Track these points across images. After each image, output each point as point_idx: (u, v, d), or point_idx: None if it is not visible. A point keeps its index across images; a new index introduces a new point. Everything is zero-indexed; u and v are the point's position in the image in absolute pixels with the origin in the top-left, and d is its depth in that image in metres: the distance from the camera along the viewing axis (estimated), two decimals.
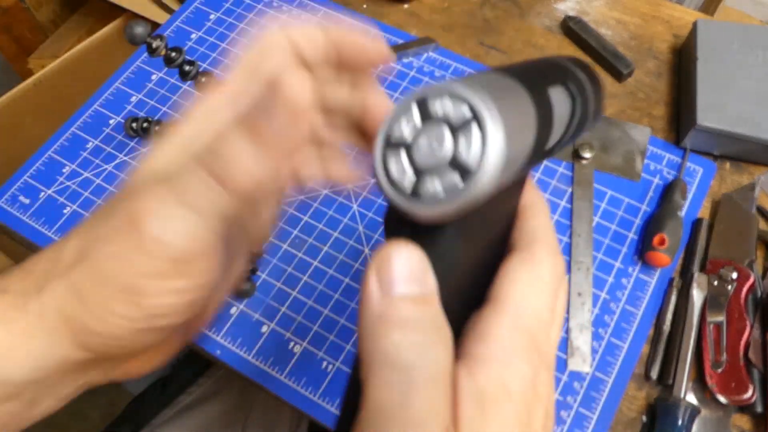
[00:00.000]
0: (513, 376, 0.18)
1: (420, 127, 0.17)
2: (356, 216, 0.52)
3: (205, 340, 0.47)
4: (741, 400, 0.42)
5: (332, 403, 0.44)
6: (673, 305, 0.46)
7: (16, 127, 0.95)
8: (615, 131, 0.54)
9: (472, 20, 0.63)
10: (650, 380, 0.45)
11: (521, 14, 0.64)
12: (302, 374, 0.45)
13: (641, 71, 0.59)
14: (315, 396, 0.45)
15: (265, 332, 0.47)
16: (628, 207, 0.51)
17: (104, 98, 0.59)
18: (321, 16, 0.63)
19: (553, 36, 0.62)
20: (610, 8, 0.63)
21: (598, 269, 0.48)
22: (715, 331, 0.44)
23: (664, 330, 0.46)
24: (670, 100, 0.57)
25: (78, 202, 0.54)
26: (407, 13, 0.64)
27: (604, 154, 0.53)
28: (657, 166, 0.53)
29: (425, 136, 0.17)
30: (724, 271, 0.46)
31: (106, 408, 1.11)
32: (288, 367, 0.46)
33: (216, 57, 0.61)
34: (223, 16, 0.64)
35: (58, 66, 0.98)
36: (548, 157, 0.22)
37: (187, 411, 0.71)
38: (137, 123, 0.55)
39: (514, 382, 0.18)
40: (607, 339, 0.46)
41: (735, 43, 0.54)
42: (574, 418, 0.43)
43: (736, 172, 0.53)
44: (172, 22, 0.64)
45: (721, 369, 0.43)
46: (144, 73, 0.61)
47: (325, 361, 0.46)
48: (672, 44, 0.61)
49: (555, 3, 0.64)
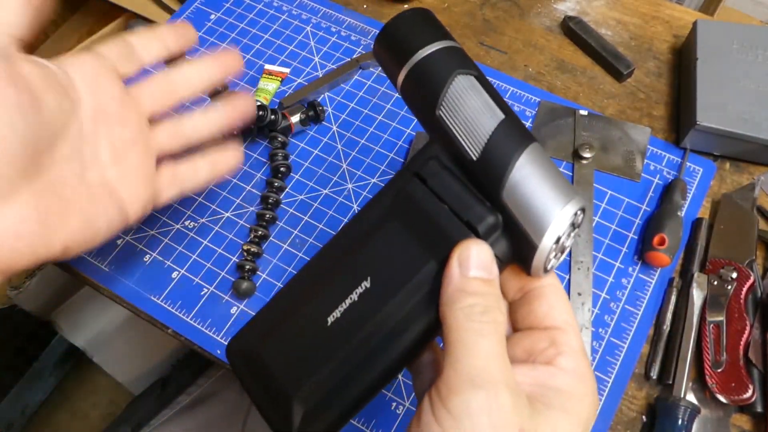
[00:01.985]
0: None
1: (568, 229, 0.25)
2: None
3: (206, 340, 0.47)
4: (741, 400, 0.42)
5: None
6: (673, 305, 0.46)
7: None
8: (615, 131, 0.55)
9: (472, 20, 0.63)
10: (650, 380, 0.45)
11: (521, 14, 0.64)
12: None
13: (641, 71, 0.59)
14: None
15: None
16: (628, 207, 0.51)
17: None
18: (320, 16, 0.64)
19: (553, 36, 0.62)
20: (610, 8, 0.64)
21: (598, 269, 0.49)
22: (715, 330, 0.45)
23: (664, 330, 0.46)
24: (670, 100, 0.57)
25: None
26: None
27: (604, 154, 0.53)
28: (657, 166, 0.53)
29: (566, 234, 0.25)
30: (724, 271, 0.46)
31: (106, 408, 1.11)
32: None
33: None
34: (223, 16, 0.64)
35: None
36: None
37: (187, 411, 0.71)
38: None
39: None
40: (607, 339, 0.46)
41: (735, 43, 0.54)
42: None
43: (736, 172, 0.53)
44: (172, 22, 0.64)
45: (721, 369, 0.43)
46: (144, 73, 0.61)
47: None
48: (672, 44, 0.61)
49: (555, 3, 0.64)
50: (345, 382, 0.26)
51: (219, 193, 0.54)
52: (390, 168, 0.54)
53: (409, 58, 0.27)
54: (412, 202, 0.27)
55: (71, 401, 1.12)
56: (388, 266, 0.27)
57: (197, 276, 0.50)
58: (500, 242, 0.26)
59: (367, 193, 0.53)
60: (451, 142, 0.26)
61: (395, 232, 0.27)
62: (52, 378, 1.11)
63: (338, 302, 0.27)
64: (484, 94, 0.26)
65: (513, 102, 0.57)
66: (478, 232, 0.25)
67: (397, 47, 0.28)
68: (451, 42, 0.28)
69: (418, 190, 0.27)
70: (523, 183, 0.25)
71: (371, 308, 0.26)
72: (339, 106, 0.58)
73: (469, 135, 0.26)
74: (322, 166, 0.55)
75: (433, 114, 0.27)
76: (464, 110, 0.26)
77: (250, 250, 0.49)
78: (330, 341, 0.26)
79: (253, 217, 0.52)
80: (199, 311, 0.48)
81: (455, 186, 0.26)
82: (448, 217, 0.26)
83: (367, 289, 0.26)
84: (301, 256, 0.50)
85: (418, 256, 0.26)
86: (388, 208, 0.28)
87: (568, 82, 0.59)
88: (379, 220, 0.28)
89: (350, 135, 0.56)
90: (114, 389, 1.10)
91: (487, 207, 0.26)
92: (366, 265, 0.27)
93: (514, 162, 0.25)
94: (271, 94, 0.58)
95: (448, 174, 0.27)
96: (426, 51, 0.27)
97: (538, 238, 0.24)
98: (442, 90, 0.26)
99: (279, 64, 0.61)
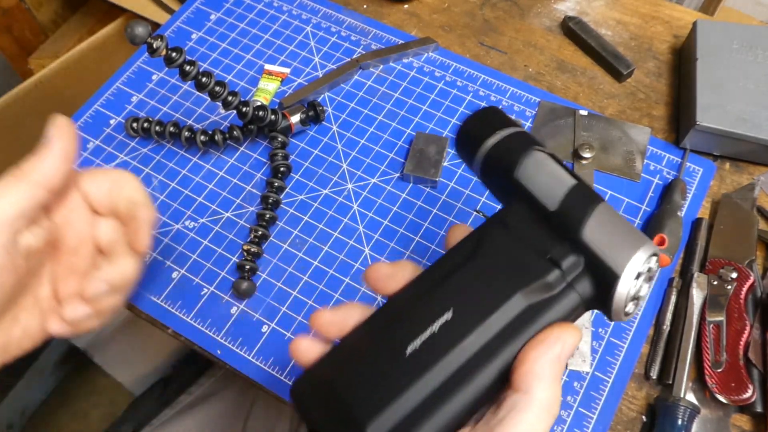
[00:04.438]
0: None
1: (644, 271, 0.26)
2: (356, 216, 0.52)
3: (206, 340, 0.47)
4: (741, 400, 0.42)
5: None
6: (673, 305, 0.46)
7: (16, 127, 0.95)
8: (615, 131, 0.55)
9: (472, 20, 0.63)
10: (650, 380, 0.45)
11: (521, 14, 0.64)
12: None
13: (641, 71, 0.59)
14: None
15: (265, 332, 0.47)
16: (628, 207, 0.51)
17: (105, 98, 0.59)
18: (320, 16, 0.64)
19: (553, 36, 0.62)
20: (610, 8, 0.64)
21: None
22: (714, 330, 0.45)
23: (664, 330, 0.46)
24: (670, 100, 0.57)
25: None
26: (407, 13, 0.64)
27: (604, 154, 0.54)
28: (657, 166, 0.53)
29: (644, 278, 0.26)
30: (724, 271, 0.46)
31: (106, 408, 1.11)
32: (288, 367, 0.46)
33: (216, 57, 0.62)
34: (223, 16, 0.64)
35: (59, 66, 0.98)
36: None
37: (188, 410, 0.71)
38: (138, 123, 0.55)
39: None
40: (606, 339, 0.46)
41: (735, 43, 0.54)
42: (573, 418, 0.43)
43: (736, 172, 0.53)
44: (173, 22, 0.64)
45: (721, 369, 0.43)
46: (144, 73, 0.61)
47: None
48: (672, 44, 0.61)
49: (555, 3, 0.64)
50: (419, 413, 0.25)
51: (219, 193, 0.54)
52: (390, 168, 0.54)
53: (489, 137, 0.31)
54: (496, 244, 0.29)
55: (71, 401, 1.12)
56: (472, 299, 0.27)
57: (197, 276, 0.50)
58: (583, 281, 0.27)
59: (367, 193, 0.53)
60: (529, 198, 0.29)
61: (479, 269, 0.28)
62: (52, 378, 1.11)
63: (418, 332, 0.27)
64: (557, 165, 0.29)
65: (513, 102, 0.57)
66: (561, 267, 0.27)
67: (477, 133, 0.32)
68: (520, 128, 0.32)
69: (501, 234, 0.29)
70: (602, 227, 0.27)
71: (452, 339, 0.26)
72: (339, 106, 0.58)
73: (547, 190, 0.28)
74: (322, 166, 0.55)
75: (513, 177, 0.30)
76: (541, 175, 0.29)
77: (250, 250, 0.49)
78: (407, 371, 0.26)
79: (253, 217, 0.52)
80: (199, 311, 0.48)
81: (537, 231, 0.28)
82: (531, 256, 0.28)
83: (449, 320, 0.27)
84: (301, 256, 0.50)
85: (502, 290, 0.27)
86: (471, 250, 0.29)
87: (568, 82, 0.59)
88: (463, 259, 0.29)
89: (350, 135, 0.56)
90: (114, 389, 1.10)
91: (569, 247, 0.27)
92: (449, 297, 0.28)
93: (593, 207, 0.27)
94: (271, 94, 0.58)
95: (531, 221, 0.29)
96: (503, 133, 0.31)
97: (619, 269, 0.26)
98: (519, 160, 0.29)
99: (279, 64, 0.61)
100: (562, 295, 0.27)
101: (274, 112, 0.53)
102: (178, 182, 0.54)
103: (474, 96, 0.58)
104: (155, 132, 0.55)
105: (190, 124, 0.57)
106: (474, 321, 0.26)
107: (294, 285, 0.49)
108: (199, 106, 0.59)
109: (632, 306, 0.27)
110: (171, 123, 0.55)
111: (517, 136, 0.31)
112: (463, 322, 0.26)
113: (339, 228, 0.51)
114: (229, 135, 0.54)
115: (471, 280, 0.28)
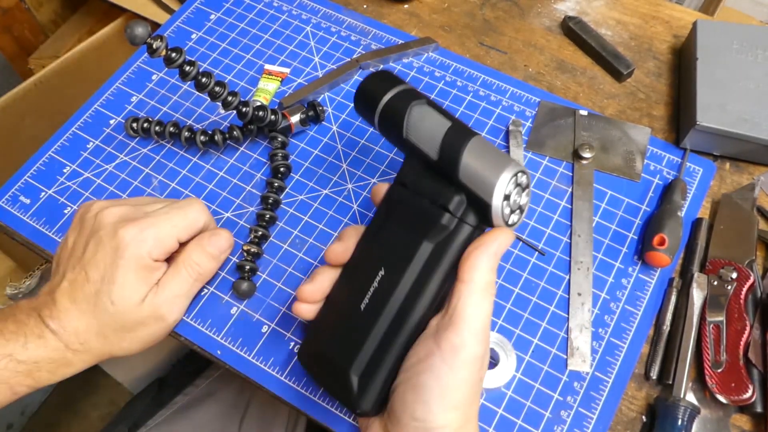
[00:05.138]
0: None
1: (513, 189, 0.33)
2: (356, 216, 0.52)
3: (206, 341, 0.47)
4: (741, 400, 0.42)
5: (333, 402, 0.44)
6: (673, 305, 0.46)
7: (16, 127, 0.95)
8: (615, 131, 0.55)
9: (472, 20, 0.63)
10: (650, 380, 0.45)
11: (521, 14, 0.64)
12: (303, 374, 0.45)
13: (641, 71, 0.59)
14: (316, 396, 0.45)
15: (265, 332, 0.47)
16: (628, 207, 0.51)
17: (104, 98, 0.59)
18: (320, 16, 0.64)
19: (553, 36, 0.62)
20: (610, 8, 0.64)
21: (598, 269, 0.49)
22: (714, 331, 0.45)
23: (664, 330, 0.46)
24: (670, 100, 0.57)
25: (78, 202, 0.54)
26: (407, 13, 0.64)
27: (604, 154, 0.54)
28: (657, 166, 0.53)
29: (516, 192, 0.34)
30: (724, 271, 0.46)
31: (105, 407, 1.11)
32: (288, 366, 0.46)
33: (216, 57, 0.62)
34: (223, 16, 0.64)
35: (59, 66, 0.98)
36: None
37: (183, 412, 0.71)
38: (138, 123, 0.55)
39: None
40: (607, 339, 0.46)
41: (735, 43, 0.54)
42: (573, 418, 0.43)
43: (736, 172, 0.53)
44: (173, 22, 0.64)
45: (721, 369, 0.43)
46: (144, 73, 0.61)
47: None
48: (672, 44, 0.61)
49: (555, 3, 0.64)
50: (383, 347, 0.35)
51: (219, 193, 0.54)
52: (390, 168, 0.54)
53: (377, 104, 0.37)
54: (400, 202, 0.37)
55: (71, 401, 1.12)
56: (393, 255, 0.36)
57: None
58: (470, 214, 0.34)
59: (367, 193, 0.53)
60: (419, 153, 0.36)
61: (393, 228, 0.36)
62: None
63: (365, 291, 0.36)
64: (434, 112, 0.36)
65: (513, 102, 0.57)
66: (449, 210, 0.34)
67: (369, 99, 0.38)
68: (404, 85, 0.38)
69: (401, 192, 0.37)
70: (472, 163, 0.33)
71: (389, 288, 0.35)
72: (339, 106, 0.58)
73: (429, 143, 0.35)
74: (322, 166, 0.55)
75: (403, 138, 0.36)
76: (422, 128, 0.35)
77: (250, 251, 0.49)
78: (366, 321, 0.35)
79: (253, 217, 0.52)
80: (199, 311, 0.48)
81: (427, 182, 0.35)
82: (426, 206, 0.35)
83: (383, 276, 0.35)
84: (302, 256, 0.50)
85: (412, 241, 0.35)
86: (384, 213, 0.38)
87: (568, 82, 0.59)
88: (381, 222, 0.37)
89: (350, 135, 0.56)
90: (114, 389, 1.10)
91: (452, 190, 0.34)
92: (378, 259, 0.36)
93: (462, 150, 0.33)
94: (271, 94, 0.58)
95: (421, 176, 0.36)
96: (387, 96, 0.37)
97: (489, 198, 0.33)
98: (404, 119, 0.36)
99: (279, 64, 0.61)
100: (456, 231, 0.34)
101: (274, 112, 0.53)
102: (178, 182, 0.54)
103: (474, 96, 0.58)
104: (155, 132, 0.55)
105: (190, 124, 0.57)
106: (399, 271, 0.35)
107: (294, 285, 0.49)
108: (199, 106, 0.59)
109: (516, 216, 0.34)
110: (171, 123, 0.55)
111: (401, 95, 0.37)
112: (393, 275, 0.35)
113: (339, 228, 0.51)
114: (229, 135, 0.54)
115: (389, 239, 0.36)
